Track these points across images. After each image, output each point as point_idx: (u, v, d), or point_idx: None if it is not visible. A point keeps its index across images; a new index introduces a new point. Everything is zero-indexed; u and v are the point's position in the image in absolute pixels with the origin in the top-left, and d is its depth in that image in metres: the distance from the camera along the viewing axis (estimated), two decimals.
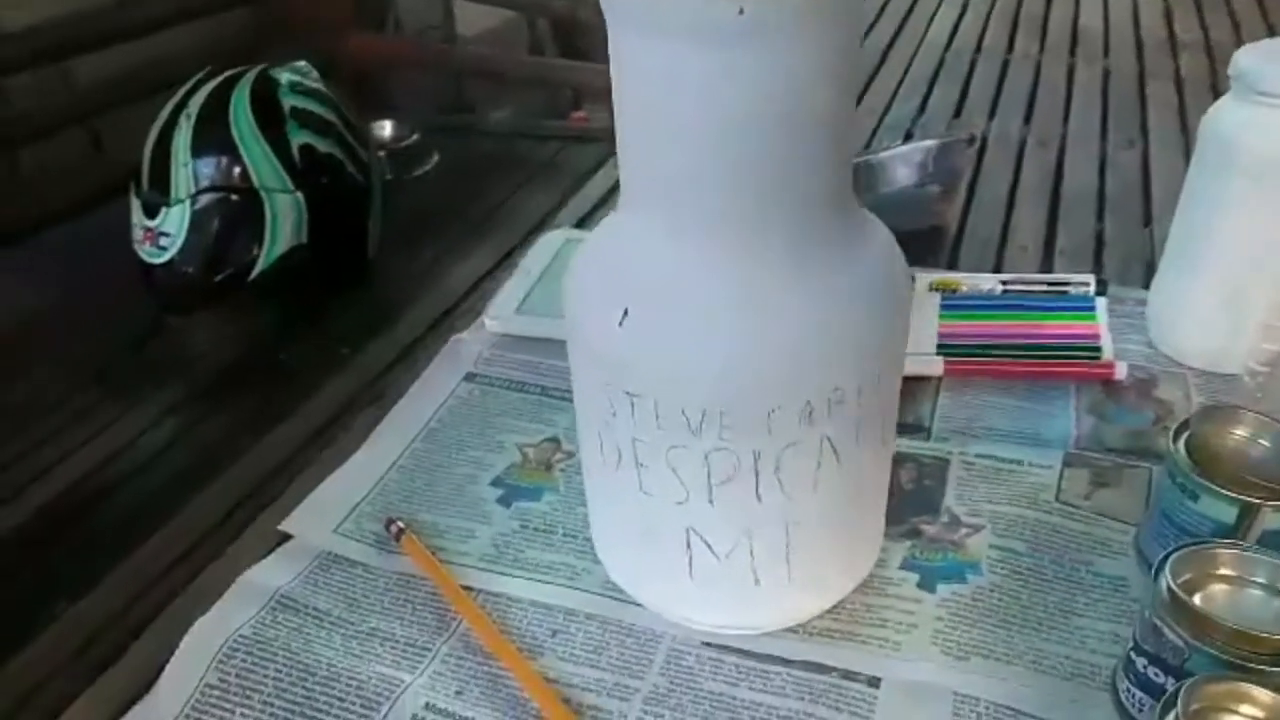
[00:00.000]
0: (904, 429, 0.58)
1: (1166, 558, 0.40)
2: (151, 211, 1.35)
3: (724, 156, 0.37)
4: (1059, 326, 0.65)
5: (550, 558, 0.52)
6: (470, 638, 0.47)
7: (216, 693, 0.45)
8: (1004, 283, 0.70)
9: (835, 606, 0.48)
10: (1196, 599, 0.39)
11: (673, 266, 0.39)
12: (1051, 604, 0.47)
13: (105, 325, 1.40)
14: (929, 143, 0.83)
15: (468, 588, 0.50)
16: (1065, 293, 0.68)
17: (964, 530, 0.51)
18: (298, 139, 1.33)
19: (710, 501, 0.42)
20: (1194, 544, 0.41)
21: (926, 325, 0.65)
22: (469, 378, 0.66)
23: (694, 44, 0.35)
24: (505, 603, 0.49)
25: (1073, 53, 1.18)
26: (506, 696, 0.44)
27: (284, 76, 1.36)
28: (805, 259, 0.39)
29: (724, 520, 0.42)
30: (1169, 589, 0.39)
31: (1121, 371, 0.61)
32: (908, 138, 0.97)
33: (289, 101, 1.34)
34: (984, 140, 0.95)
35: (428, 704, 0.44)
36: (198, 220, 1.35)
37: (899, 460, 0.56)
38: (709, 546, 0.43)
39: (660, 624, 0.47)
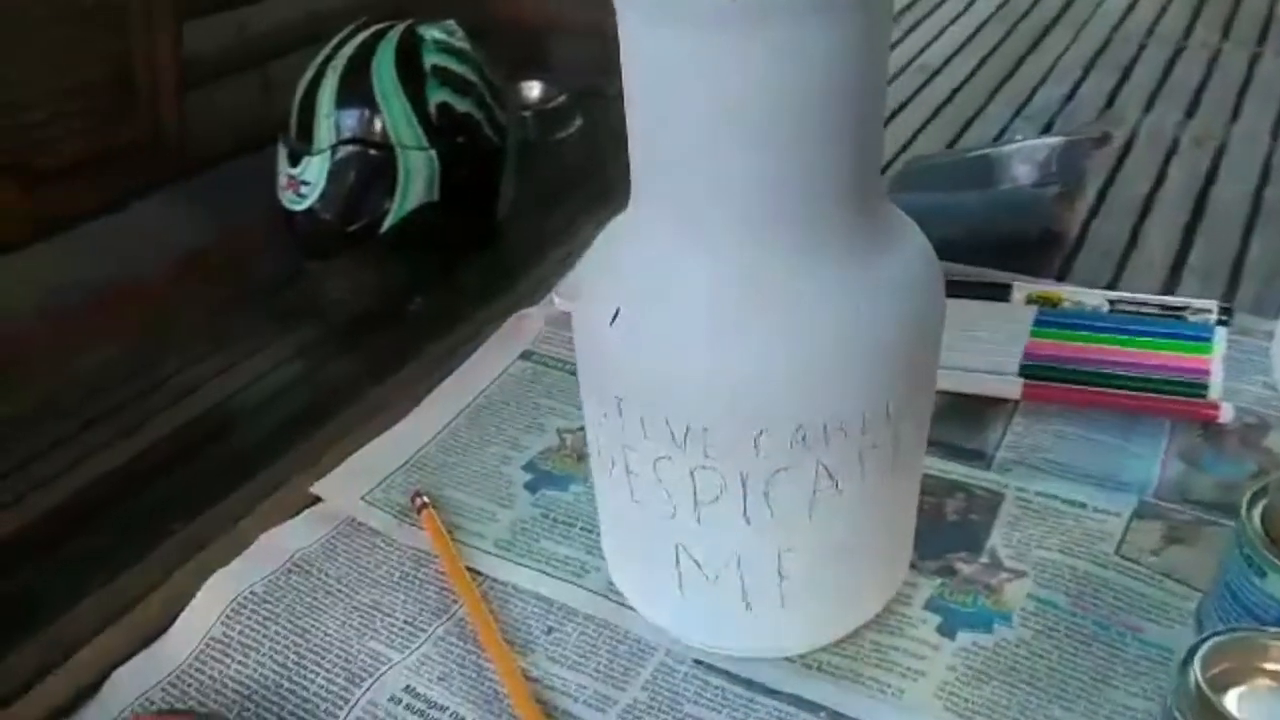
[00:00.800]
0: (963, 455, 0.54)
1: (1201, 643, 0.35)
2: (294, 160, 1.40)
3: (721, 151, 0.34)
4: (1165, 356, 0.58)
5: (563, 551, 0.50)
6: (466, 624, 0.47)
7: (219, 646, 0.46)
8: (1112, 301, 0.63)
9: (845, 639, 0.45)
10: (1230, 697, 0.34)
11: (669, 269, 0.37)
12: (1084, 671, 0.43)
13: (253, 264, 1.48)
14: (1054, 139, 0.76)
15: (476, 572, 0.50)
16: (1181, 318, 0.62)
17: (1003, 575, 0.47)
18: (436, 97, 1.35)
19: (698, 520, 0.39)
20: (1242, 630, 0.36)
21: (1013, 342, 0.60)
22: (525, 355, 0.65)
23: (688, 28, 0.32)
24: (509, 592, 0.49)
25: (1261, 43, 1.06)
26: (487, 690, 0.44)
27: (430, 34, 1.38)
28: (810, 271, 0.36)
29: (712, 540, 0.40)
30: (1195, 683, 0.34)
31: (1227, 414, 0.54)
32: (1047, 129, 0.90)
33: (431, 59, 1.36)
34: (1131, 136, 0.87)
35: (408, 687, 0.44)
36: (336, 171, 1.40)
37: (948, 489, 0.52)
38: (698, 565, 0.41)
39: (655, 635, 0.45)
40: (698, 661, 0.44)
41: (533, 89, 1.93)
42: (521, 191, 1.47)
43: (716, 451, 0.37)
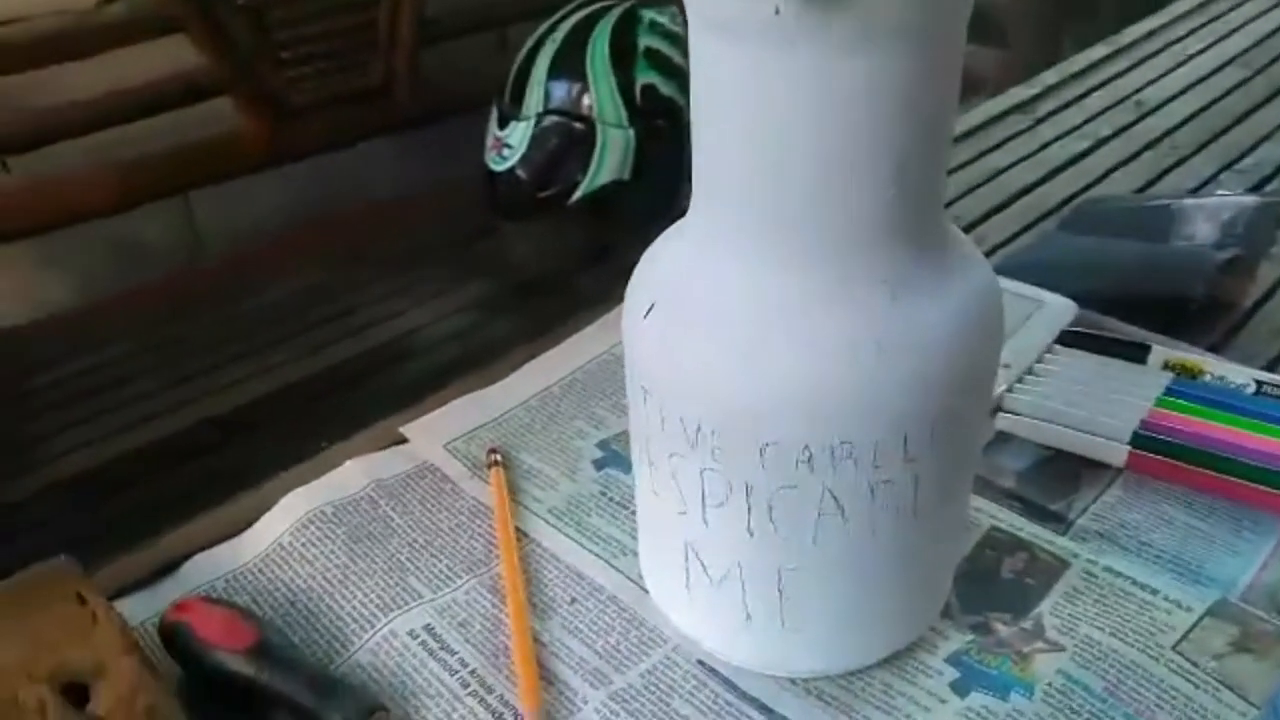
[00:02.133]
0: (1041, 514, 0.51)
1: None
2: (503, 122, 1.48)
3: (765, 168, 0.35)
4: None
5: (609, 530, 0.52)
6: (499, 581, 0.49)
7: (283, 553, 0.51)
8: (1260, 383, 0.58)
9: (856, 673, 0.44)
10: None
11: (706, 273, 0.38)
12: None
13: (451, 215, 1.57)
14: (1247, 199, 0.70)
15: (525, 534, 0.52)
16: None
17: (1039, 645, 0.44)
18: (644, 78, 1.39)
19: (705, 521, 0.40)
20: None
21: (1131, 407, 0.56)
22: None
23: (741, 40, 0.33)
24: (548, 559, 0.50)
25: None
26: (498, 644, 0.46)
27: (648, 16, 1.42)
28: (845, 293, 0.35)
29: (717, 544, 0.40)
30: None
31: None
32: (1257, 188, 0.82)
33: (645, 41, 1.40)
34: None
35: (429, 625, 0.47)
36: (538, 138, 1.46)
37: (1011, 546, 0.49)
38: (703, 566, 0.41)
39: (669, 629, 0.46)
40: (701, 663, 0.45)
41: None
42: None
43: (723, 456, 0.37)
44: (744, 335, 0.36)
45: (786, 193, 0.34)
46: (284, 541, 0.51)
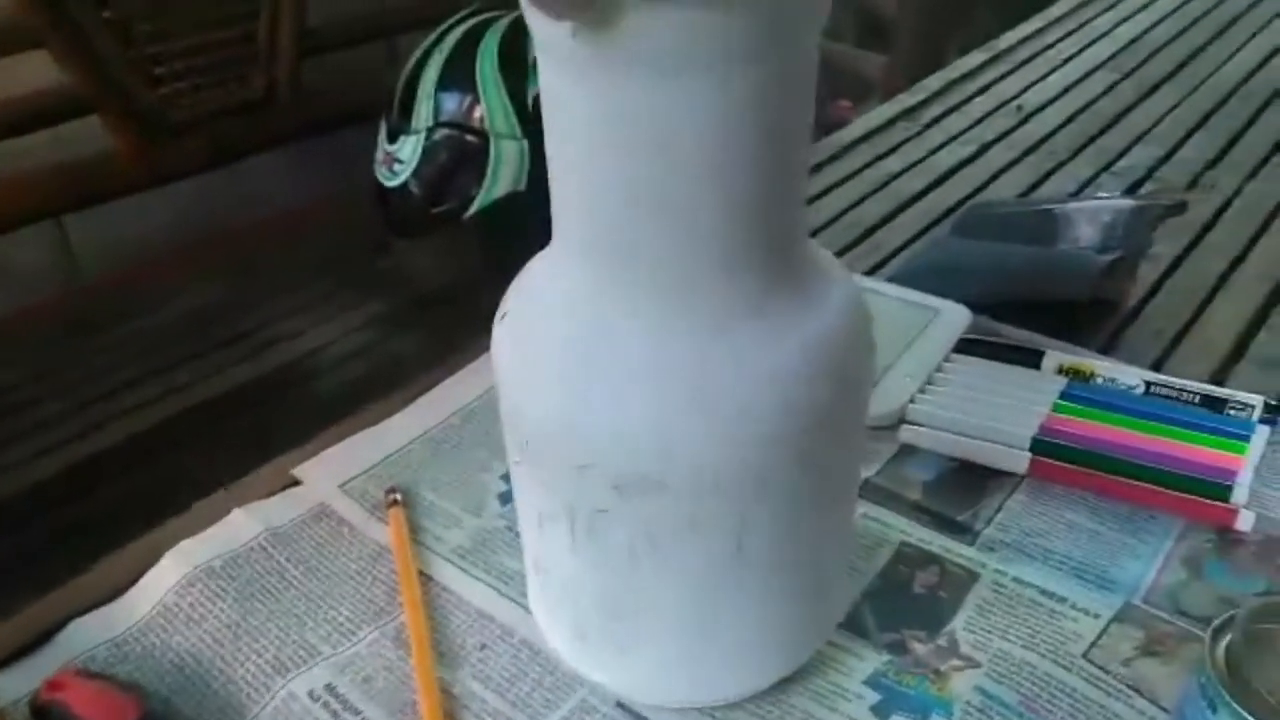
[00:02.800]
0: (949, 526, 0.52)
1: None
2: (392, 137, 1.44)
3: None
4: (1193, 450, 0.54)
5: (517, 567, 0.50)
6: (405, 629, 0.47)
7: (168, 615, 0.48)
8: (1149, 383, 0.59)
9: (774, 699, 0.43)
10: None
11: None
12: None
13: (343, 232, 1.52)
14: (1124, 202, 0.72)
15: (429, 577, 0.50)
16: (1221, 411, 0.57)
17: (955, 661, 0.45)
18: (535, 87, 1.37)
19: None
20: None
21: (1029, 413, 0.57)
22: None
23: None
24: (454, 602, 0.48)
25: None
26: (404, 700, 0.44)
27: None
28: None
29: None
30: None
31: (1246, 522, 0.50)
32: (1131, 190, 0.85)
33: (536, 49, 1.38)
34: (1224, 205, 0.81)
35: (330, 684, 0.44)
36: (429, 152, 1.43)
37: (923, 560, 0.50)
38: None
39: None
40: (620, 705, 0.43)
41: None
42: None
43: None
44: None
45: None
46: (168, 602, 0.48)
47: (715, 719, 0.43)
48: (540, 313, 0.37)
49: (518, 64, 1.36)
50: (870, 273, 0.73)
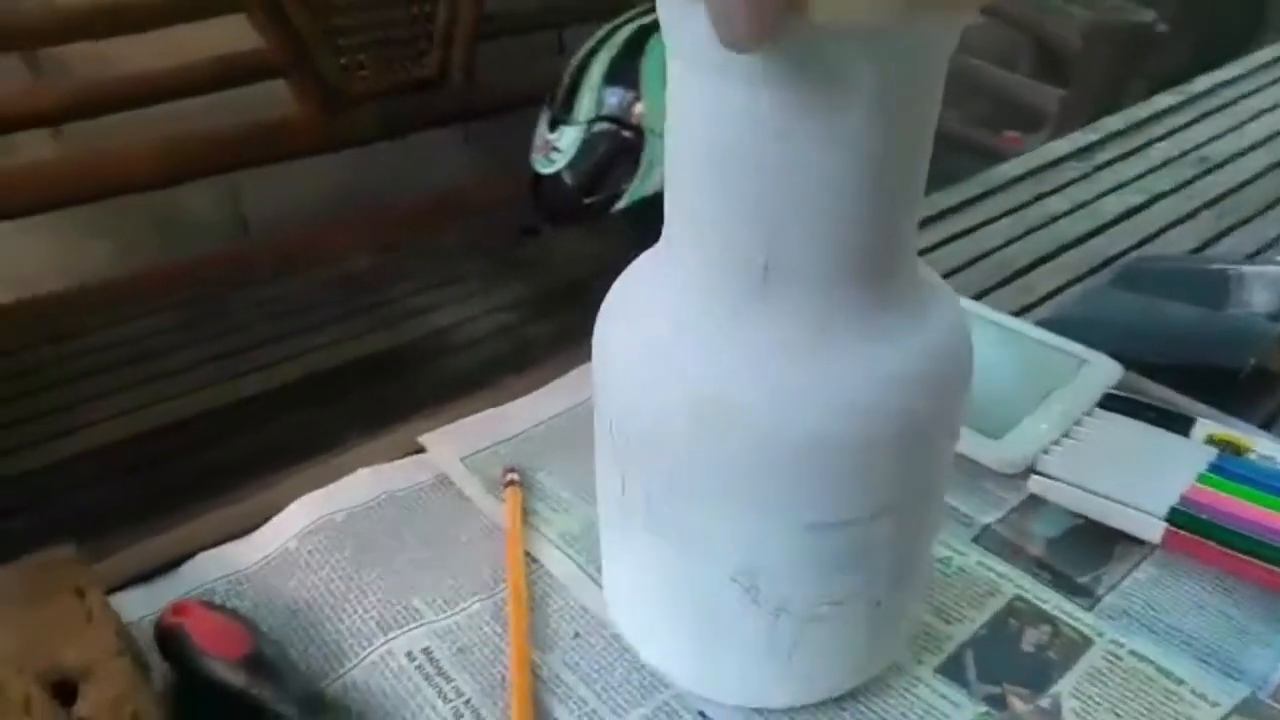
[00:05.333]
0: (1068, 586, 0.49)
1: None
2: (553, 126, 1.47)
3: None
4: None
5: None
6: (504, 608, 0.48)
7: (287, 559, 0.50)
8: None
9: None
10: None
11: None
12: None
13: (497, 212, 1.56)
14: None
15: (534, 559, 0.51)
16: None
17: None
18: None
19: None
20: None
21: (1170, 481, 0.54)
22: None
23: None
24: (555, 587, 0.49)
25: None
26: (495, 675, 0.45)
27: None
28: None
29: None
30: None
31: None
32: None
33: None
34: None
35: (426, 649, 0.46)
36: (587, 144, 1.46)
37: (1035, 618, 0.48)
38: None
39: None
40: (703, 715, 0.43)
41: None
42: None
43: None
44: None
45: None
46: (290, 547, 0.51)
47: None
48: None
49: None
50: (1017, 315, 0.70)
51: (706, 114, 0.32)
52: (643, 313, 0.38)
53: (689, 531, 0.38)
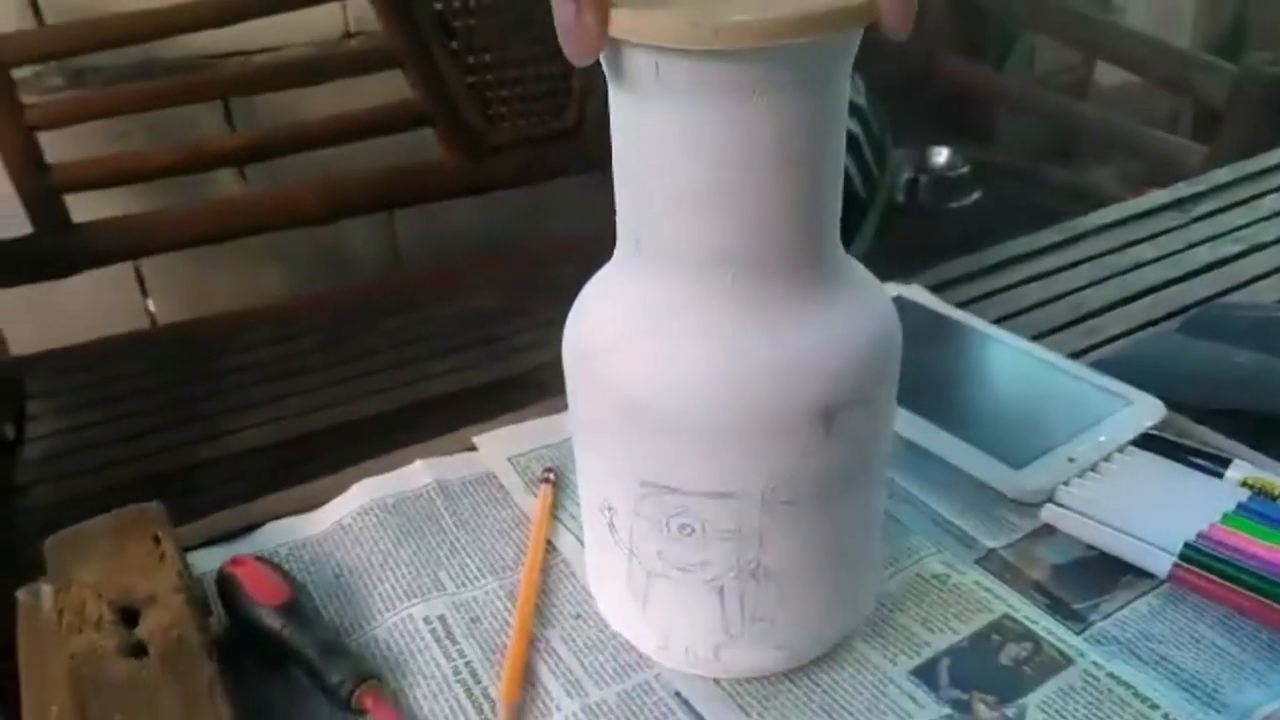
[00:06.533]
0: (1062, 611, 0.50)
1: None
2: None
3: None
4: None
5: None
6: (519, 588, 0.53)
7: (341, 532, 0.57)
8: None
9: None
10: None
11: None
12: None
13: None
14: None
15: (554, 547, 0.55)
16: None
17: None
18: None
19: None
20: None
21: (1190, 519, 0.53)
22: None
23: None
24: (568, 574, 0.54)
25: None
26: (499, 644, 0.49)
27: None
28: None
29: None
30: None
31: None
32: None
33: None
34: None
35: (441, 616, 0.51)
36: None
37: (1019, 635, 0.49)
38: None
39: (657, 660, 0.48)
40: (678, 694, 0.47)
41: (939, 155, 1.92)
42: (880, 247, 1.48)
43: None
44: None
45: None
46: (345, 522, 0.57)
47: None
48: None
49: None
50: (1077, 355, 0.71)
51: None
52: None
53: (586, 465, 0.45)
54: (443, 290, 1.51)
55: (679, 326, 0.40)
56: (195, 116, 1.61)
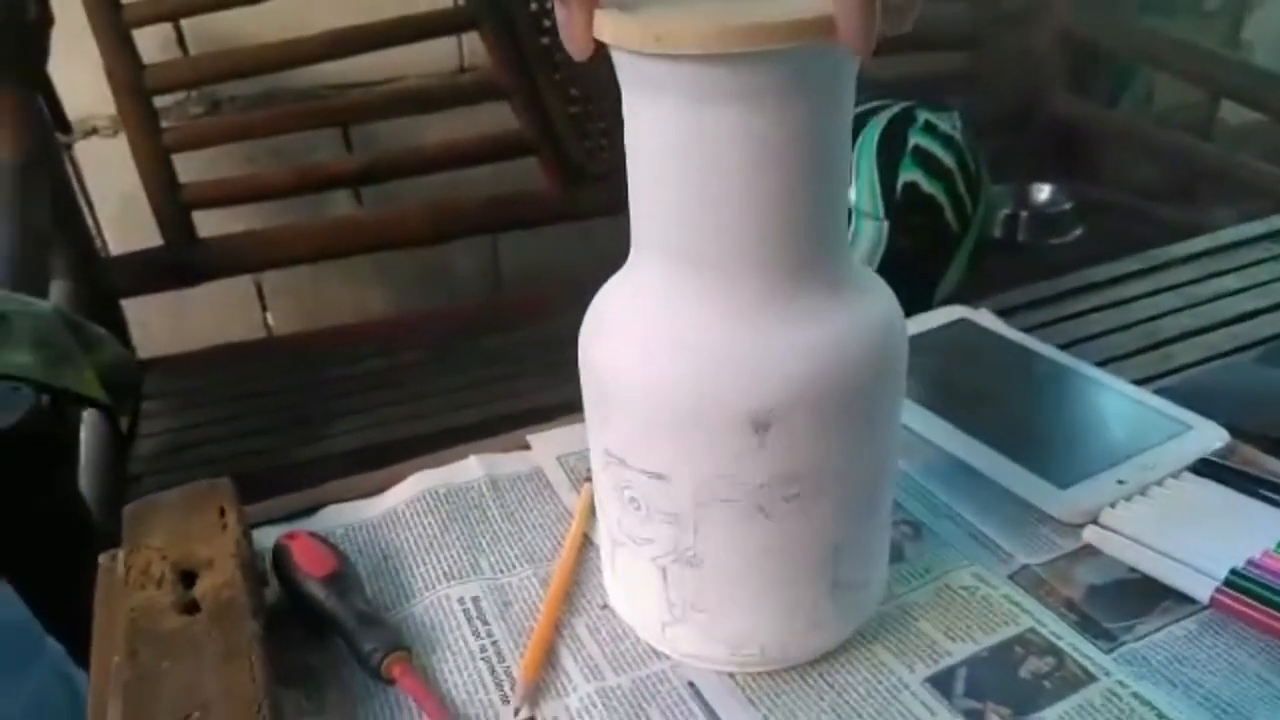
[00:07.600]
0: (1092, 629, 0.49)
1: None
2: None
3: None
4: None
5: None
6: (553, 577, 0.55)
7: (395, 516, 0.60)
8: None
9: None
10: None
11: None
12: None
13: None
14: None
15: (591, 542, 0.57)
16: None
17: None
18: (907, 174, 1.41)
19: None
20: None
21: (1240, 546, 0.52)
22: None
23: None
24: (600, 567, 0.55)
25: None
26: (527, 628, 0.51)
27: (924, 116, 1.44)
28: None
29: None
30: None
31: None
32: None
33: (915, 139, 1.42)
34: None
35: (475, 598, 0.53)
36: None
37: (1042, 649, 0.48)
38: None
39: (677, 654, 0.49)
40: (691, 685, 0.48)
41: (1041, 191, 1.88)
42: (973, 282, 1.46)
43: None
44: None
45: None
46: (398, 510, 0.60)
47: None
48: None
49: (895, 150, 1.40)
50: (1145, 382, 0.69)
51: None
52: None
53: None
54: (529, 312, 1.56)
55: (653, 319, 0.42)
56: (317, 142, 1.71)
